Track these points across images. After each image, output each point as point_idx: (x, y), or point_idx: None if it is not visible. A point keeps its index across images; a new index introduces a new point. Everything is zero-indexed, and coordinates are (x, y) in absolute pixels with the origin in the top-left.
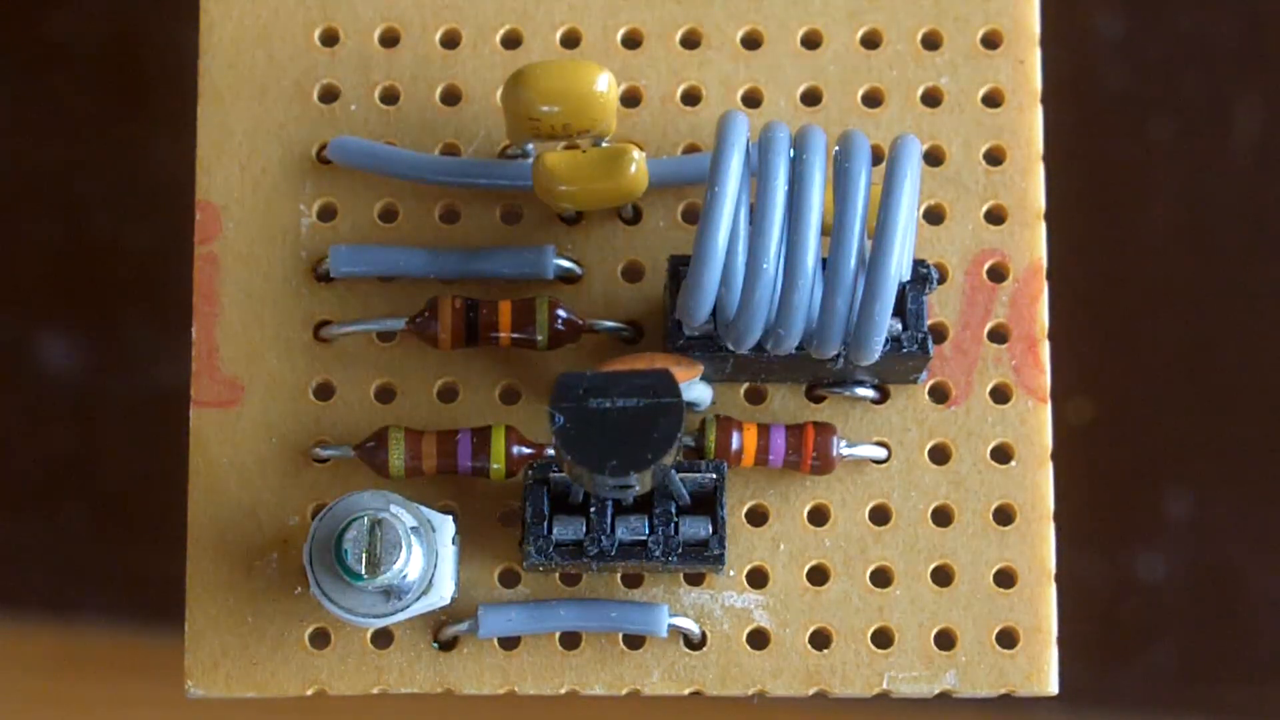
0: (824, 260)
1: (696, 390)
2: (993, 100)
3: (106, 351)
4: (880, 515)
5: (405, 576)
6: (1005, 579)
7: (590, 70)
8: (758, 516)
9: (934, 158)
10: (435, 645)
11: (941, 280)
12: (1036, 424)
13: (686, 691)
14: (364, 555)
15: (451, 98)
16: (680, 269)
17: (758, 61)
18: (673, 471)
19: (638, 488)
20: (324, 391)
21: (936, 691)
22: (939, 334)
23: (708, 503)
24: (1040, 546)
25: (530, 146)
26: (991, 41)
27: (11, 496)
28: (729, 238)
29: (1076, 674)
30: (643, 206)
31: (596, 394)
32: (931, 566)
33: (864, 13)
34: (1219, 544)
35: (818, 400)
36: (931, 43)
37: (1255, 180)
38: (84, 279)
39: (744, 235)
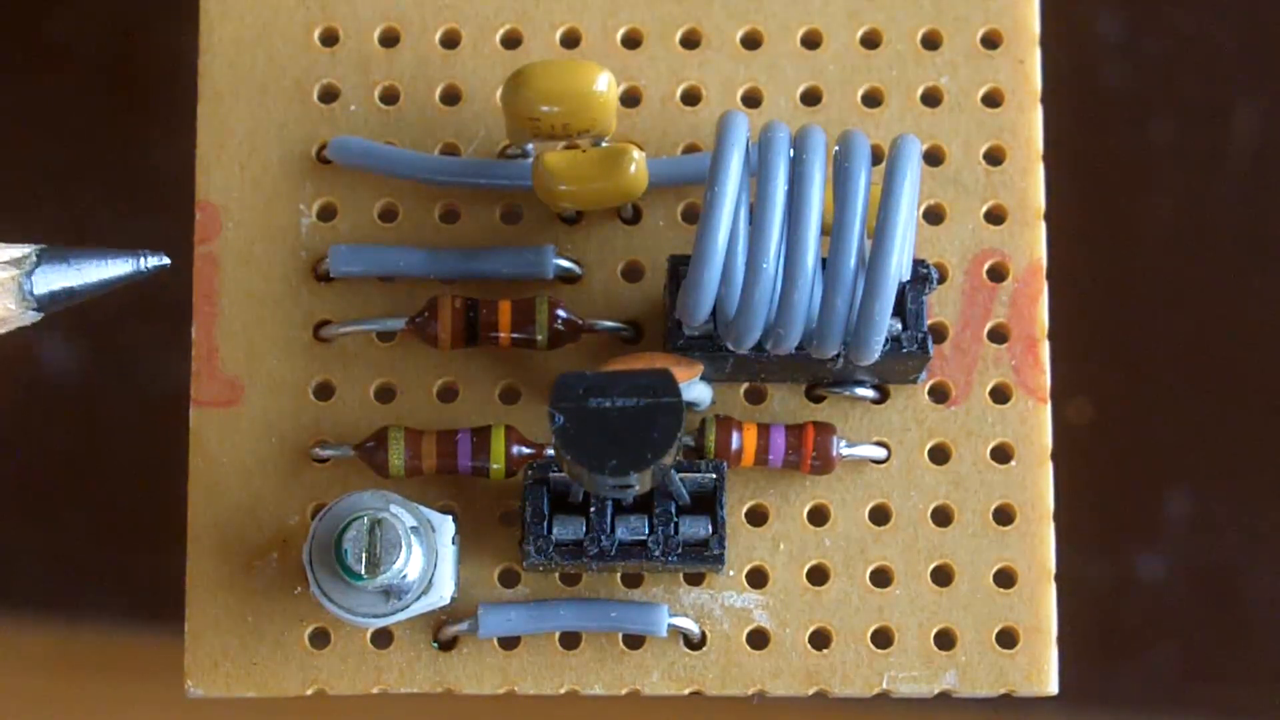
0: (824, 260)
1: (696, 390)
2: (993, 100)
3: (107, 352)
4: (880, 515)
5: (405, 576)
6: (1005, 579)
7: (590, 70)
8: (758, 516)
9: (934, 158)
10: (435, 645)
11: (941, 280)
12: (1036, 424)
13: (686, 691)
14: (364, 555)
15: (451, 98)
16: (680, 269)
17: (758, 61)
18: (673, 471)
19: (637, 487)
20: (324, 391)
21: (936, 691)
22: (939, 334)
23: (708, 503)
24: (1040, 546)
25: (530, 146)
26: (991, 41)
27: (12, 497)
28: (729, 237)
29: (1076, 674)
30: (643, 206)
31: (596, 394)
32: (931, 566)
33: (864, 13)
34: (1219, 544)
35: (818, 400)
36: (931, 43)
37: (1255, 180)
38: None
39: (744, 235)
